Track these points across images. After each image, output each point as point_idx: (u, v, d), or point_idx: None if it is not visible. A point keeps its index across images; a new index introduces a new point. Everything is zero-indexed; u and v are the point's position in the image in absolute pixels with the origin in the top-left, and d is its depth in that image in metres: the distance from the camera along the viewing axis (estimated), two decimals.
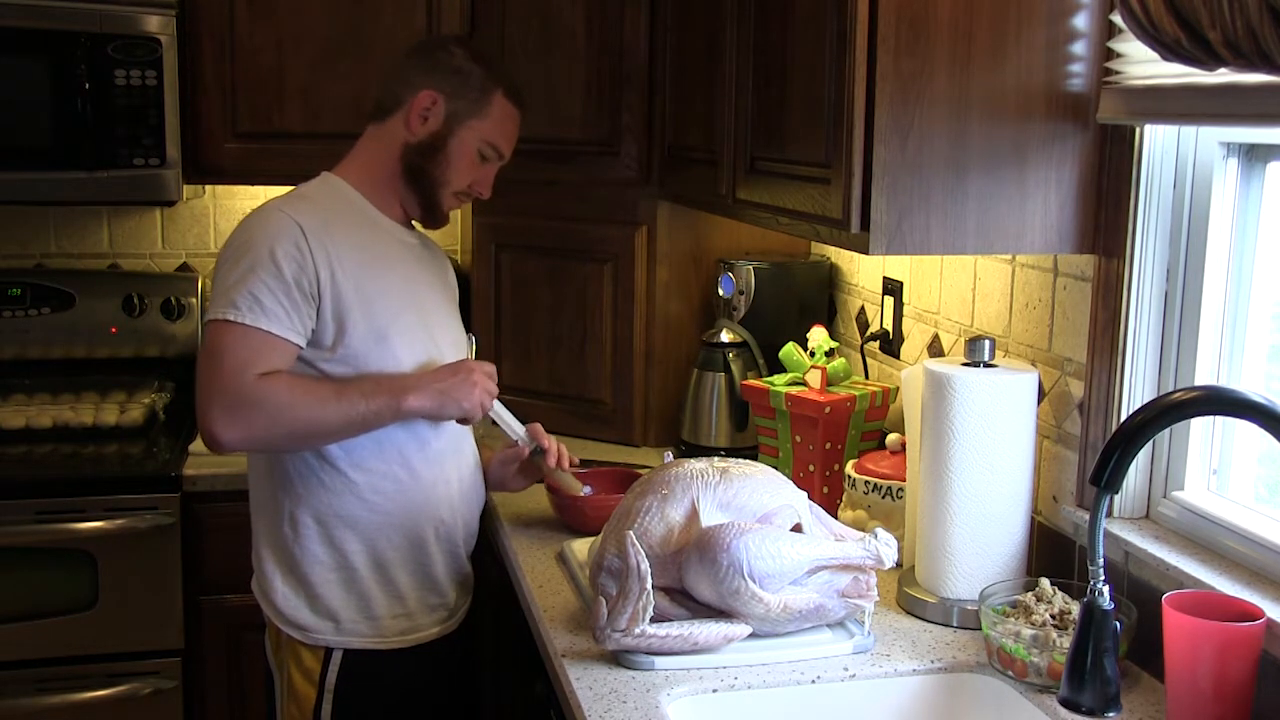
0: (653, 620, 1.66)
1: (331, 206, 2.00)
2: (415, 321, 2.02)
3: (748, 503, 1.77)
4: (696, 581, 1.71)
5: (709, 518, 1.74)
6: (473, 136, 2.06)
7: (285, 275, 1.88)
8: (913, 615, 1.87)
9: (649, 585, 1.66)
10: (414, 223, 2.16)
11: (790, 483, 1.85)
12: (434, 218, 2.12)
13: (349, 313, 1.93)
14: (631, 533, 1.70)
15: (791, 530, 1.77)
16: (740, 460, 1.86)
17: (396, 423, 1.96)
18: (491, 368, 2.05)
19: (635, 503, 1.77)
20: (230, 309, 1.87)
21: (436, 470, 2.05)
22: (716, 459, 1.84)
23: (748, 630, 1.70)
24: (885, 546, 1.76)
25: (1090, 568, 1.40)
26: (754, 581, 1.67)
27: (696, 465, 1.80)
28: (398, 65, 2.10)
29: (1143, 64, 1.64)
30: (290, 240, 1.89)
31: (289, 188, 2.01)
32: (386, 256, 2.03)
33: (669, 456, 2.04)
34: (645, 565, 1.67)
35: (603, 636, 1.67)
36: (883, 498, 2.08)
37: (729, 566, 1.66)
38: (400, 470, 2.01)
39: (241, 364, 1.86)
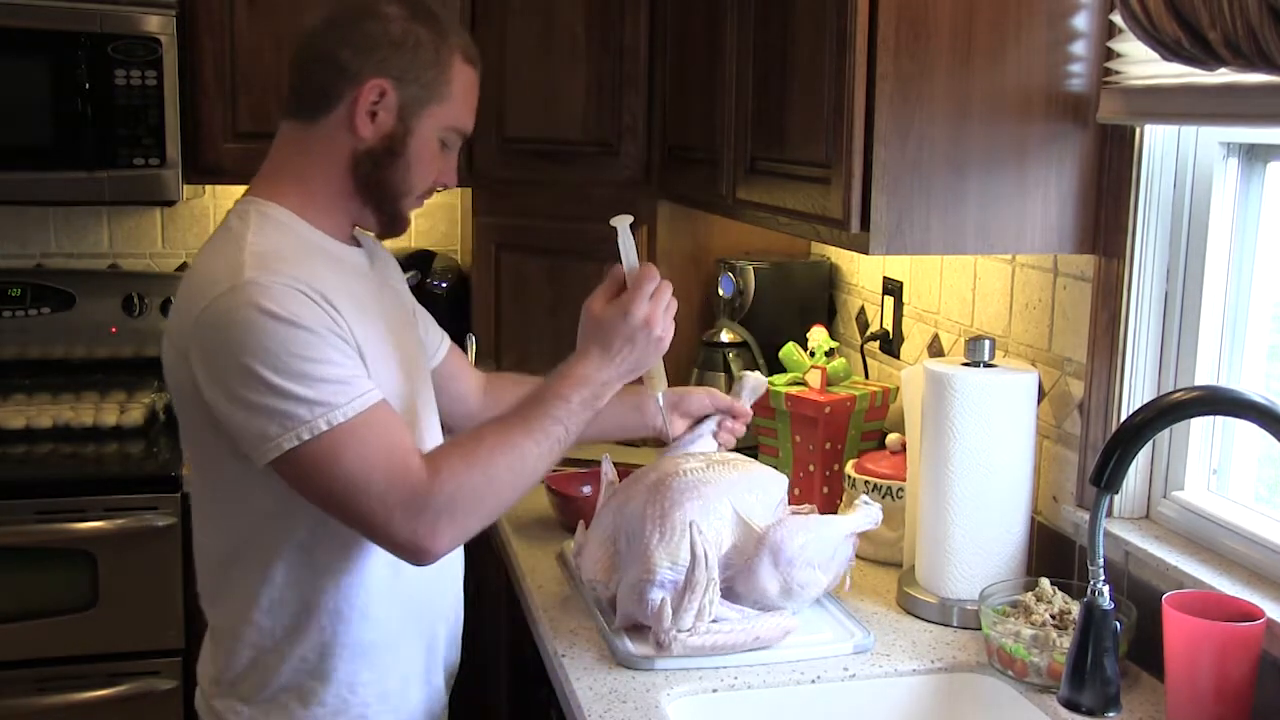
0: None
1: (296, 256, 1.53)
2: (399, 369, 1.64)
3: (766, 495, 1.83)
4: (767, 583, 1.74)
5: (755, 518, 1.77)
6: (434, 125, 1.60)
7: (330, 337, 1.46)
8: (913, 615, 1.87)
9: (716, 575, 1.67)
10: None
11: (744, 460, 1.88)
12: (395, 229, 1.67)
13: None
14: (695, 523, 1.70)
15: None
16: (710, 460, 1.86)
17: None
18: (665, 299, 1.65)
19: (674, 513, 1.74)
20: (324, 410, 1.42)
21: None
22: (693, 464, 1.83)
23: (797, 622, 1.74)
24: (877, 508, 1.88)
25: (1090, 568, 1.40)
26: (819, 570, 1.77)
27: (705, 473, 1.80)
28: (316, 41, 1.60)
29: (1143, 64, 1.64)
30: (302, 303, 1.45)
31: None
32: (361, 298, 1.59)
33: (607, 464, 1.98)
34: (712, 553, 1.68)
35: (668, 640, 1.66)
36: (883, 498, 2.08)
37: (794, 564, 1.74)
38: (411, 571, 1.58)
39: (397, 466, 1.45)
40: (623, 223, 1.71)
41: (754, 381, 1.98)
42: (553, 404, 1.57)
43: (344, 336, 1.49)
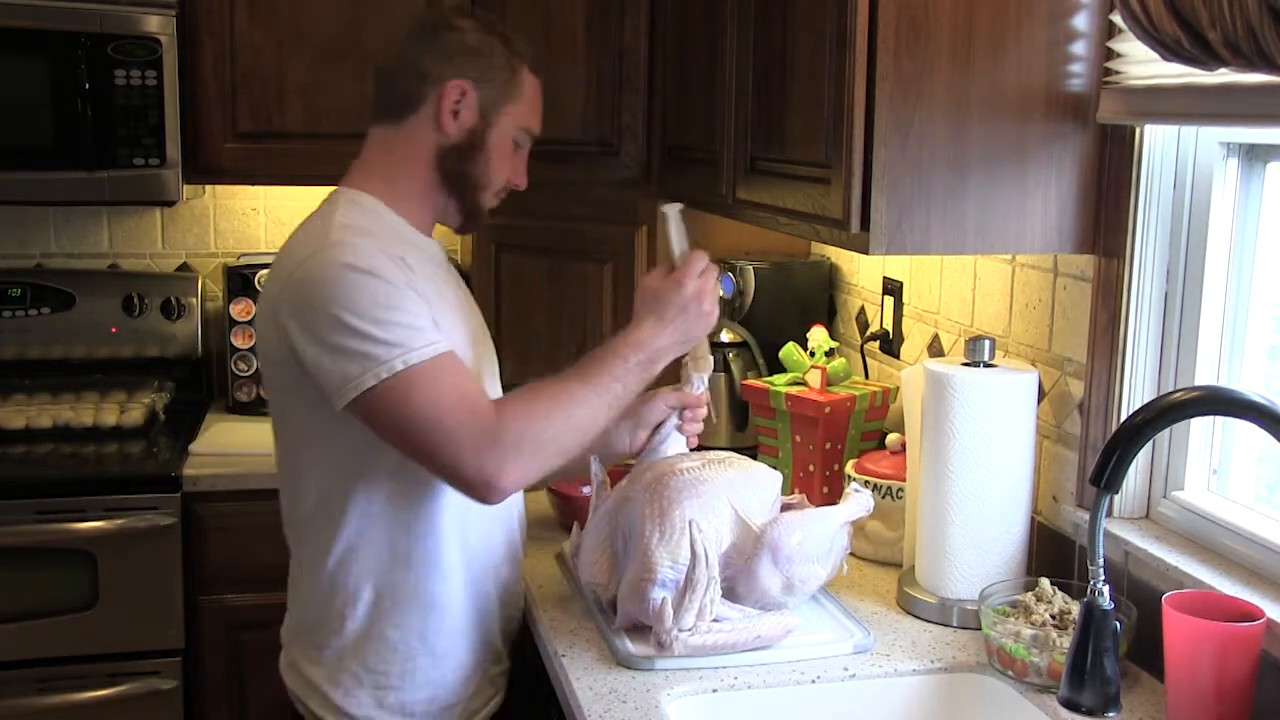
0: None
1: (380, 232, 1.69)
2: (467, 342, 1.77)
3: (760, 492, 1.82)
4: (768, 581, 1.74)
5: (753, 516, 1.77)
6: (509, 124, 1.79)
7: (407, 290, 1.60)
8: (913, 615, 1.87)
9: (716, 572, 1.67)
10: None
11: (740, 459, 1.87)
12: (475, 224, 1.86)
13: None
14: (694, 521, 1.70)
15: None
16: (706, 459, 1.84)
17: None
18: (713, 278, 1.78)
19: (673, 511, 1.73)
20: (400, 351, 1.57)
21: (501, 510, 1.77)
22: (690, 463, 1.81)
23: (799, 621, 1.74)
24: (868, 494, 1.88)
25: (1090, 568, 1.40)
26: (818, 564, 1.78)
27: (703, 471, 1.79)
28: (398, 53, 1.79)
29: (1143, 64, 1.64)
30: (382, 260, 1.61)
31: (288, 188, 1.87)
32: (434, 278, 1.75)
33: (596, 465, 1.91)
34: (713, 552, 1.67)
35: (669, 640, 1.66)
36: (883, 498, 2.08)
37: (793, 560, 1.74)
38: (476, 526, 1.76)
39: (465, 406, 1.59)
40: (673, 209, 1.82)
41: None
42: (611, 362, 1.69)
43: (419, 292, 1.63)
